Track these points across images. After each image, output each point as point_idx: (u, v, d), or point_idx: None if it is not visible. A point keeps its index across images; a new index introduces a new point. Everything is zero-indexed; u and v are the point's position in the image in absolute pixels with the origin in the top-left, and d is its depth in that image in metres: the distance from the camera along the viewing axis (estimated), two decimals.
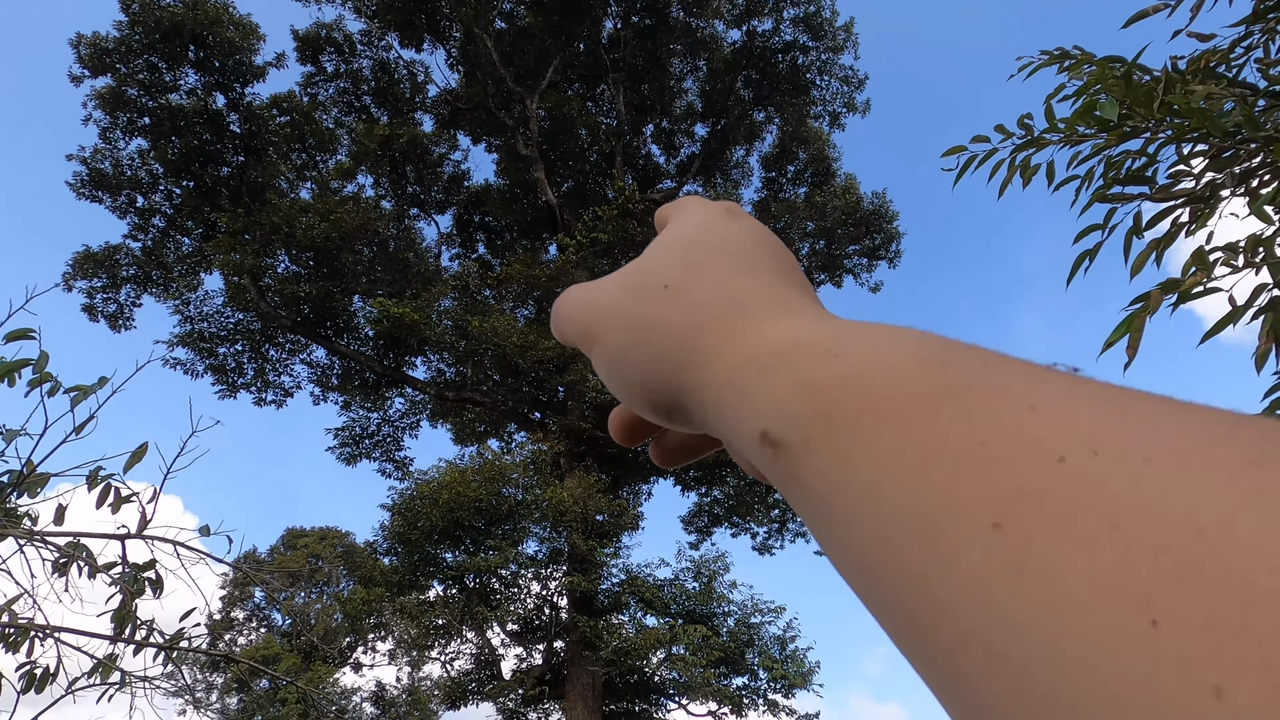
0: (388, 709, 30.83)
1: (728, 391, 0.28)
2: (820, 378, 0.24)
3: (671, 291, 0.32)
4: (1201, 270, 1.70)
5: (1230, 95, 2.19)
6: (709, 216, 0.38)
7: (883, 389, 0.23)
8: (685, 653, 13.59)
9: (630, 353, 0.32)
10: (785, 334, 0.28)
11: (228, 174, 17.20)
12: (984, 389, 0.21)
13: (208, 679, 28.22)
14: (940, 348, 0.24)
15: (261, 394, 18.49)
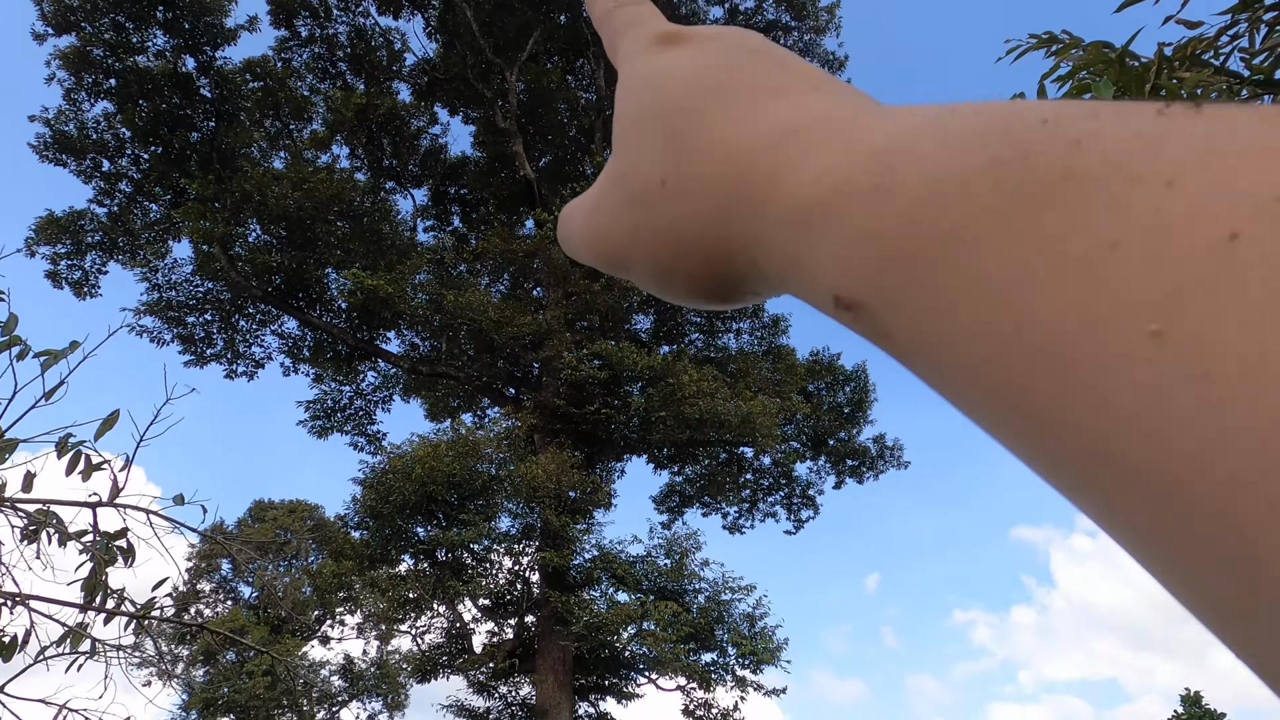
0: (356, 682, 30.84)
1: (783, 261, 0.24)
2: (879, 222, 0.20)
3: (670, 186, 0.28)
4: None
5: (1218, 83, 2.22)
6: (645, 69, 0.32)
7: (958, 209, 0.18)
8: (656, 628, 13.73)
9: (673, 266, 0.28)
10: (813, 174, 0.23)
11: (197, 140, 16.81)
12: (1097, 170, 0.16)
13: (173, 651, 28.01)
14: (1012, 132, 0.18)
15: (232, 366, 18.23)
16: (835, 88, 0.27)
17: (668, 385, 14.91)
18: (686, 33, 0.32)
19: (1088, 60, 2.33)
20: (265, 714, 28.09)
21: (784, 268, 0.24)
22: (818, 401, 19.06)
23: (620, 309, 16.73)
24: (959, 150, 0.19)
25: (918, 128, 0.21)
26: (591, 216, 0.32)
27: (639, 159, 0.30)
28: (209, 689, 27.73)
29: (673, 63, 0.31)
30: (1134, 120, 0.17)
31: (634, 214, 0.29)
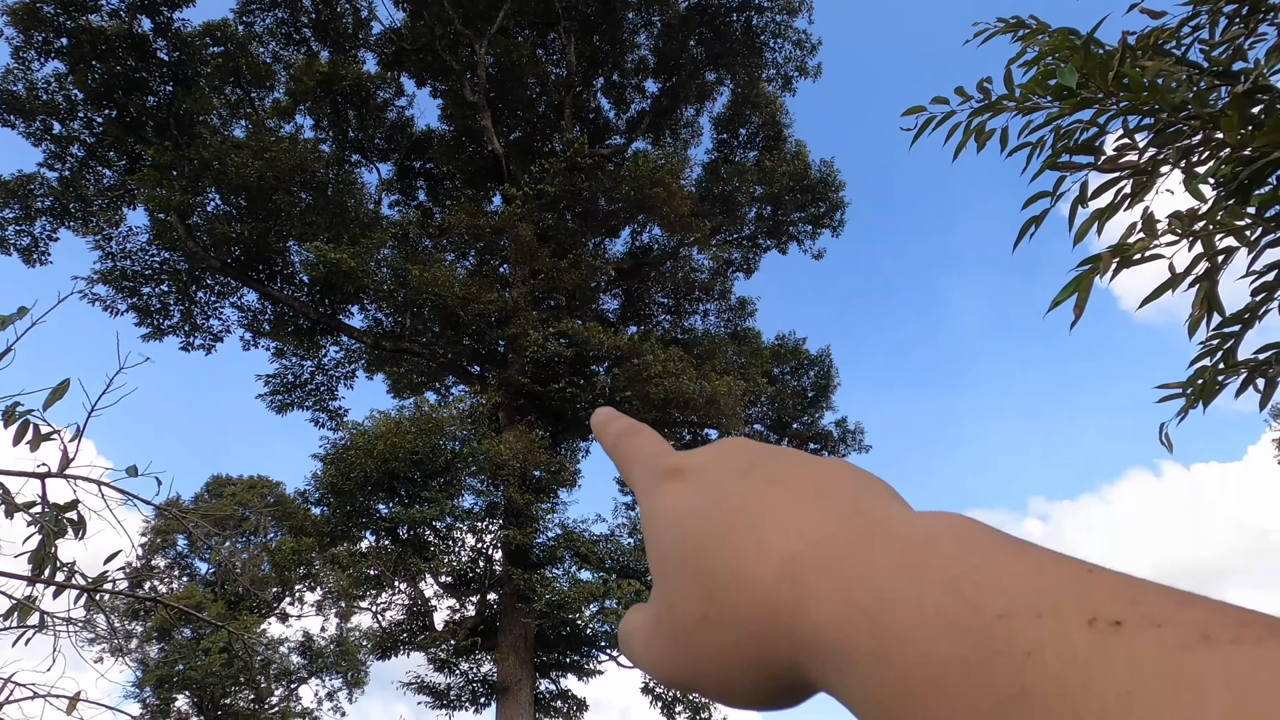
0: (315, 659, 30.66)
1: (821, 683, 0.27)
2: (884, 692, 0.24)
3: (712, 620, 0.30)
4: (1149, 235, 1.76)
5: (1178, 73, 2.26)
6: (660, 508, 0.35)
7: (942, 704, 0.22)
8: (618, 606, 13.82)
9: (733, 686, 0.31)
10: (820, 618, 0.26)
11: (154, 105, 16.29)
12: (1044, 693, 0.20)
13: (126, 627, 27.55)
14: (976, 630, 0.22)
15: (189, 338, 17.83)
16: (823, 493, 0.31)
17: (634, 365, 14.93)
18: (684, 465, 0.36)
19: (1053, 46, 2.36)
20: (222, 691, 27.83)
21: (828, 689, 0.27)
22: (782, 385, 19.23)
23: (587, 288, 16.67)
24: (936, 636, 0.23)
25: (902, 588, 0.25)
26: (651, 644, 0.35)
27: (676, 597, 0.32)
28: (164, 666, 27.36)
29: (679, 501, 0.34)
30: (1070, 636, 0.20)
31: (688, 646, 0.32)
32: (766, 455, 0.35)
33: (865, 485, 0.32)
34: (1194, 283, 1.97)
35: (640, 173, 15.73)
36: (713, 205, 18.62)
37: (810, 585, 0.27)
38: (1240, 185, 2.08)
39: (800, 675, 0.28)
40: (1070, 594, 0.22)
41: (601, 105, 20.37)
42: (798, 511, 0.30)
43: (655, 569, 0.35)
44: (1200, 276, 1.96)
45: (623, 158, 18.95)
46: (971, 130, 2.44)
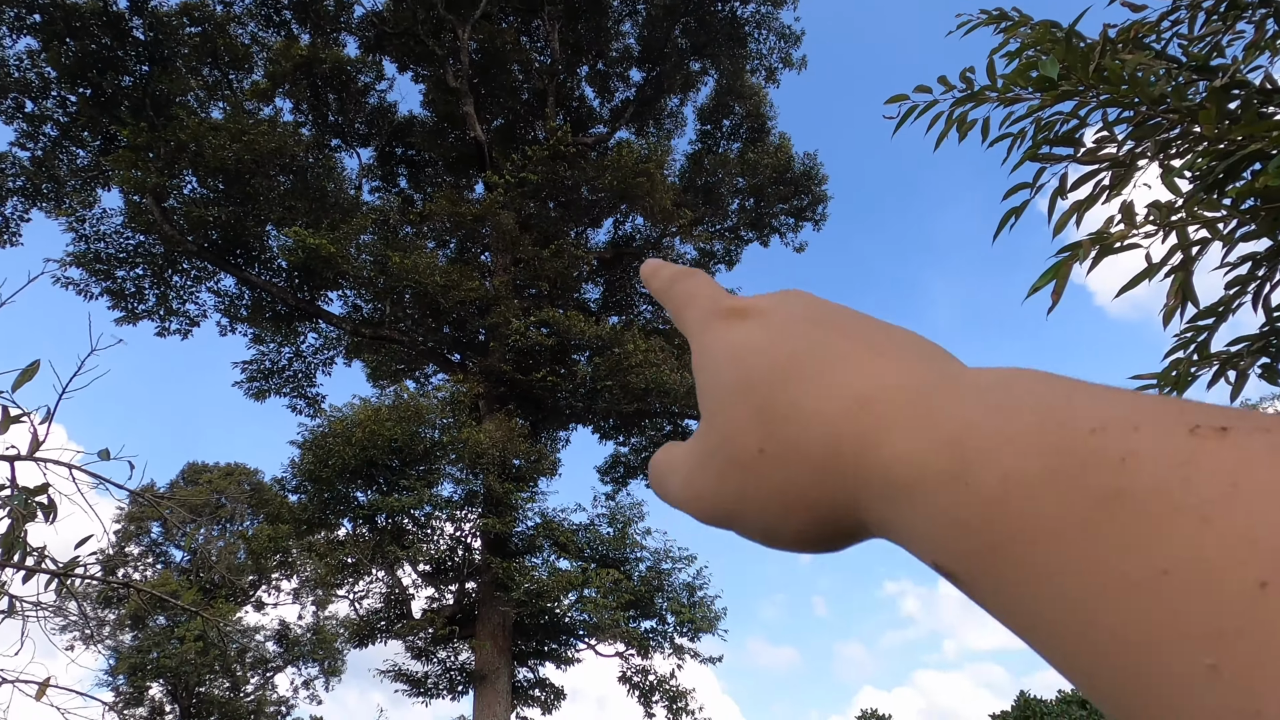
0: (291, 647, 30.47)
1: (883, 523, 0.27)
2: (962, 511, 0.23)
3: (769, 454, 0.30)
4: (1128, 224, 1.78)
5: (1157, 67, 2.28)
6: (718, 343, 0.35)
7: (1027, 512, 0.21)
8: (596, 595, 13.86)
9: (782, 524, 0.31)
10: (895, 453, 0.26)
11: (130, 84, 15.99)
12: (1142, 493, 0.19)
13: (98, 614, 27.23)
14: (1066, 441, 0.22)
15: (164, 323, 17.58)
16: (894, 346, 0.31)
17: (615, 355, 14.91)
18: (749, 306, 0.36)
19: (1035, 38, 2.37)
20: (197, 679, 27.61)
21: (884, 528, 0.27)
22: None
23: (569, 277, 16.62)
24: (1023, 451, 0.22)
25: (983, 417, 0.24)
26: (693, 478, 0.34)
27: (732, 430, 0.32)
28: (137, 653, 27.08)
29: (744, 337, 0.34)
30: (1171, 440, 0.20)
31: (739, 480, 0.31)
32: (835, 307, 0.34)
33: (933, 345, 0.32)
34: (1169, 273, 1.99)
35: (623, 162, 15.68)
36: (695, 196, 18.61)
37: (883, 423, 0.27)
38: (1216, 179, 2.11)
39: (856, 516, 0.28)
40: (1169, 410, 0.21)
41: (585, 94, 20.28)
42: (871, 359, 0.30)
43: (707, 403, 0.34)
44: (1175, 268, 1.98)
45: (606, 147, 18.87)
46: (953, 120, 2.45)
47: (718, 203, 19.07)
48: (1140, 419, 0.21)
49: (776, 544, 0.32)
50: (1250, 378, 2.20)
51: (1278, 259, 2.03)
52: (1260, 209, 1.85)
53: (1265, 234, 2.02)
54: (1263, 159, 2.02)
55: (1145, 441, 0.20)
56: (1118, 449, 0.20)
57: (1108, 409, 0.22)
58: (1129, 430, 0.21)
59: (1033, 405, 0.23)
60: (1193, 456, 0.19)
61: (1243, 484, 0.18)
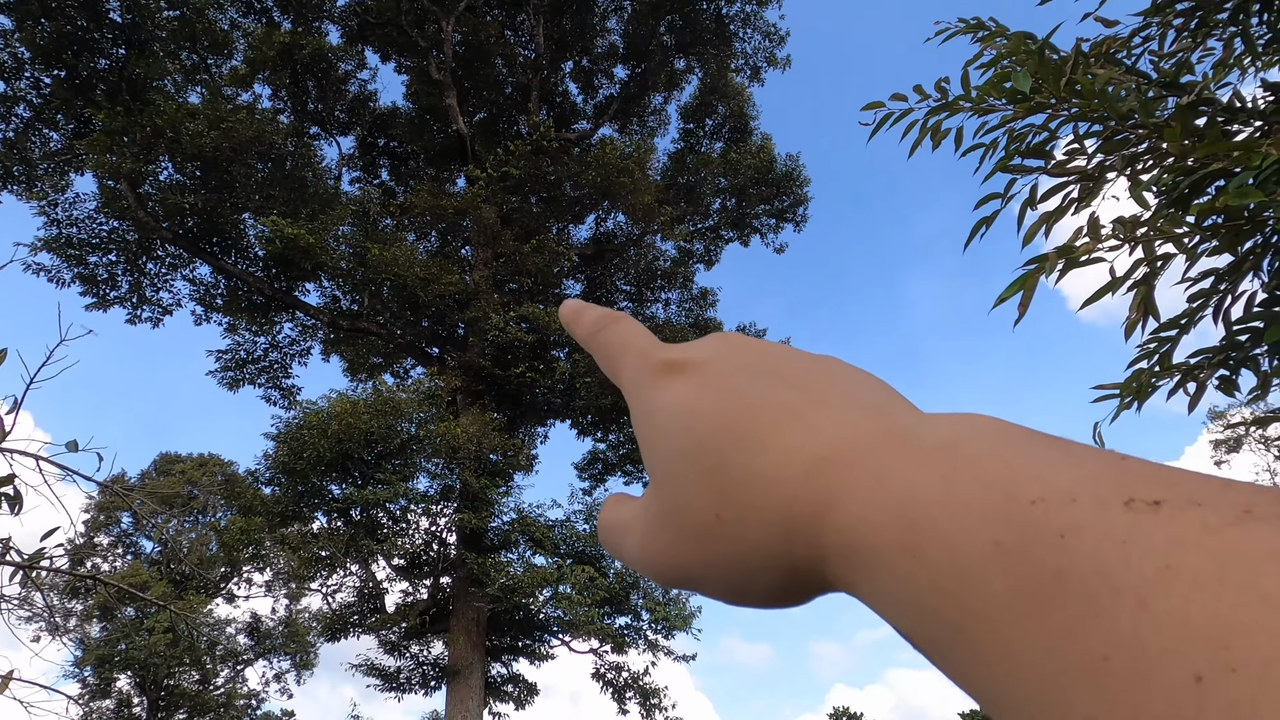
0: (262, 640, 30.22)
1: (846, 583, 0.27)
2: (917, 585, 0.23)
3: (726, 520, 0.29)
4: (1093, 239, 1.82)
5: (1127, 82, 2.33)
6: (658, 404, 0.34)
7: (978, 591, 0.21)
8: (571, 592, 13.87)
9: (747, 585, 0.30)
10: (851, 518, 0.25)
11: (106, 67, 15.72)
12: (1082, 572, 0.19)
13: (65, 605, 26.85)
14: (1008, 514, 0.21)
15: (136, 310, 17.32)
16: (839, 394, 0.30)
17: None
18: (685, 360, 0.34)
19: (1010, 50, 2.41)
20: (166, 671, 27.30)
21: (850, 590, 0.26)
22: None
23: (550, 273, 16.58)
24: (968, 526, 0.22)
25: (930, 484, 0.24)
26: (649, 543, 0.33)
27: (685, 496, 0.31)
28: (105, 645, 26.72)
29: (685, 396, 0.32)
30: (1107, 515, 0.20)
31: (697, 546, 0.30)
32: (772, 353, 0.33)
33: (875, 386, 0.31)
34: (1133, 287, 2.03)
35: (606, 160, 15.67)
36: (677, 194, 18.64)
37: (839, 485, 0.26)
38: (1181, 194, 2.15)
39: (820, 575, 0.27)
40: (1106, 479, 0.21)
41: (569, 89, 20.23)
42: (817, 413, 0.29)
43: (654, 466, 0.33)
44: (1139, 281, 2.03)
45: (589, 143, 18.85)
46: (927, 129, 2.49)
47: (699, 202, 19.12)
48: (1078, 489, 0.21)
49: (744, 604, 0.31)
50: (1209, 389, 2.25)
51: (1238, 274, 2.08)
52: (1221, 226, 1.90)
53: (1226, 250, 2.07)
54: (1226, 177, 2.06)
55: (1083, 515, 0.20)
56: (1057, 523, 0.20)
57: (1049, 476, 0.22)
58: (1067, 502, 0.21)
59: (977, 473, 0.23)
60: (1129, 534, 0.19)
61: (1176, 565, 0.18)
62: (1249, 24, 2.69)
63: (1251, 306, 2.17)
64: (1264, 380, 2.24)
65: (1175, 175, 2.01)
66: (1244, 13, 2.68)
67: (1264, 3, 2.63)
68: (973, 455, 0.24)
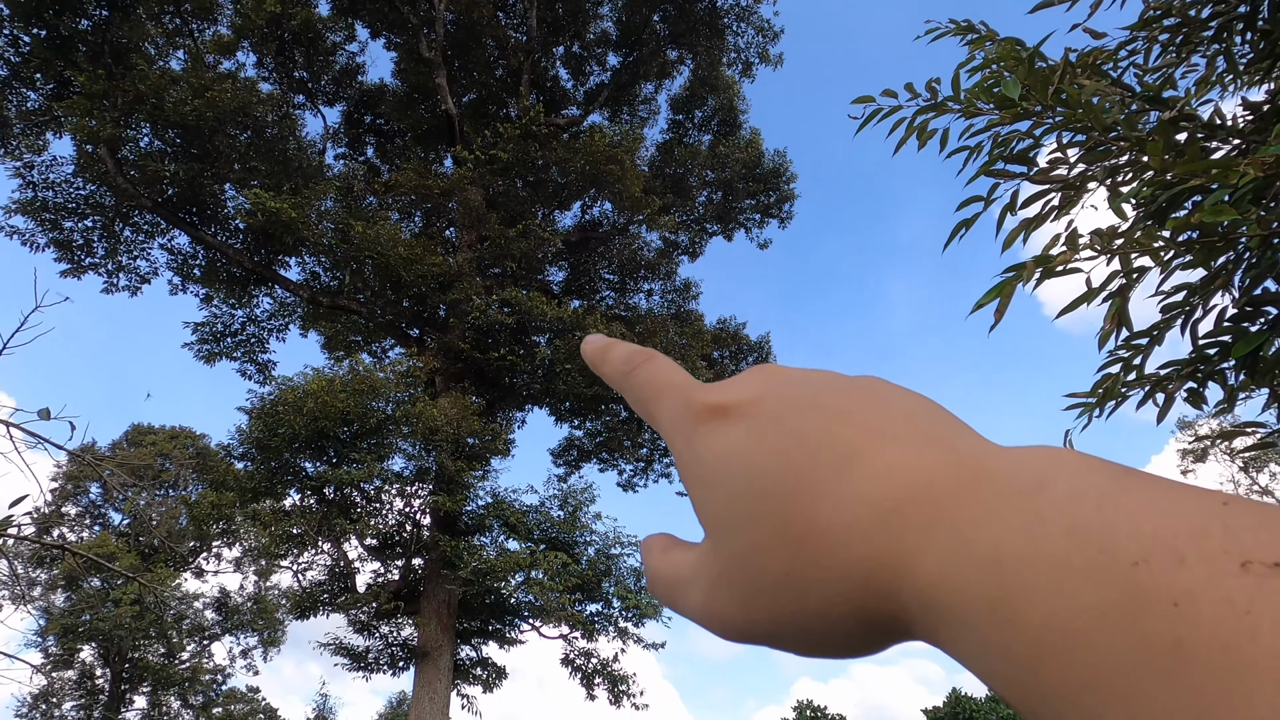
0: (230, 616, 30.03)
1: (929, 636, 0.25)
2: (1009, 649, 0.21)
3: (797, 575, 0.27)
4: (1071, 249, 1.85)
5: (1113, 94, 2.36)
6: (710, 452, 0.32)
7: (1079, 660, 0.20)
8: (544, 577, 13.89)
9: (827, 639, 0.28)
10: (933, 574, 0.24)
11: (87, 28, 15.40)
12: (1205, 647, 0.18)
13: (30, 574, 26.50)
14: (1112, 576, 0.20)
15: (112, 277, 17.06)
16: (903, 424, 0.28)
17: (575, 338, 14.89)
18: (731, 404, 0.32)
19: (1000, 55, 2.43)
20: (131, 644, 27.07)
21: (935, 642, 0.25)
22: (720, 369, 19.44)
23: (534, 258, 16.52)
24: (1067, 589, 0.20)
25: (1018, 538, 0.22)
26: (715, 600, 0.31)
27: (748, 551, 0.29)
28: (69, 615, 26.43)
29: (738, 443, 0.31)
30: (1224, 581, 0.18)
31: (768, 604, 0.29)
32: (815, 383, 0.31)
33: (931, 410, 0.29)
34: (1108, 298, 2.07)
35: (595, 147, 15.60)
36: (664, 185, 18.61)
37: (916, 538, 0.25)
38: (1158, 208, 2.19)
39: (903, 627, 0.26)
40: (1212, 534, 0.19)
41: (560, 75, 20.11)
42: (882, 450, 0.27)
43: (711, 520, 0.32)
44: (1114, 292, 2.06)
45: (578, 130, 18.76)
46: (914, 128, 2.51)
47: (685, 193, 19.11)
48: (1183, 546, 0.19)
49: (824, 656, 0.29)
50: (1177, 400, 2.30)
51: (1209, 290, 2.12)
52: (1196, 242, 1.94)
53: (1199, 264, 2.11)
54: (1203, 193, 2.10)
55: (1195, 581, 0.18)
56: (1168, 590, 0.19)
57: (1149, 529, 0.20)
58: (1174, 565, 0.19)
59: (1068, 524, 0.21)
60: (1252, 603, 0.17)
61: None
62: (1233, 42, 2.73)
63: (1221, 321, 2.22)
64: (1230, 394, 2.29)
65: (1154, 189, 2.04)
66: (1228, 31, 2.72)
67: (1248, 22, 2.67)
68: (1059, 501, 0.22)
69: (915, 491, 0.26)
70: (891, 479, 0.26)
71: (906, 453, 0.27)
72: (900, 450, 0.27)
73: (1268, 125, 2.50)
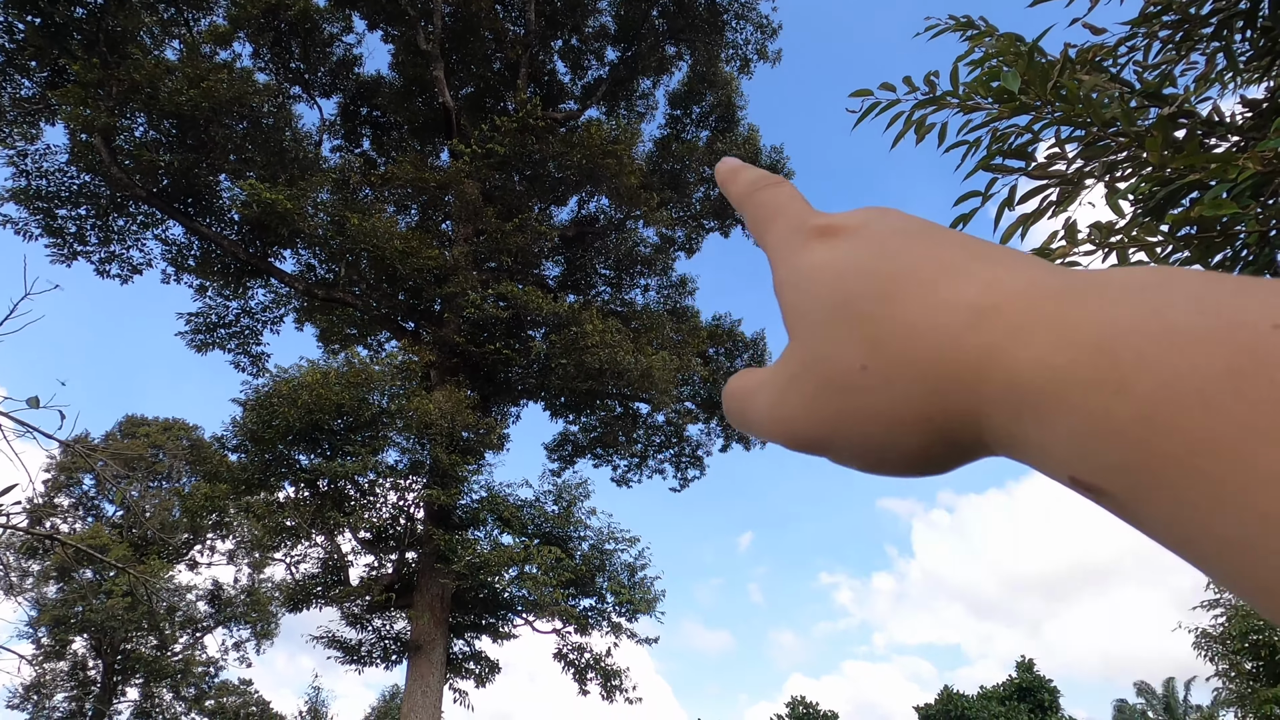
0: (223, 608, 29.97)
1: (1008, 438, 0.25)
2: (1114, 423, 0.21)
3: (873, 371, 0.27)
4: (1070, 243, 1.84)
5: (1111, 89, 2.35)
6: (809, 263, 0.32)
7: (1202, 422, 0.19)
8: (538, 572, 13.89)
9: (887, 445, 0.28)
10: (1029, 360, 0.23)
11: (82, 16, 15.31)
12: None
13: (22, 565, 26.41)
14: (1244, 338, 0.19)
15: (105, 265, 16.97)
16: (1006, 255, 0.28)
17: (571, 333, 14.87)
18: (840, 224, 0.33)
19: (1000, 49, 2.42)
20: (123, 635, 27.01)
21: (1008, 443, 0.25)
22: (715, 366, 19.44)
23: (531, 252, 16.49)
24: (1188, 352, 0.20)
25: (1135, 320, 0.22)
26: (781, 402, 0.32)
27: (828, 349, 0.29)
28: (61, 606, 26.36)
29: (839, 256, 0.31)
30: None
31: (837, 400, 0.29)
32: (929, 223, 0.32)
33: (1046, 261, 0.28)
34: None
35: (592, 141, 15.57)
36: (661, 180, 18.58)
37: (1009, 331, 0.24)
38: (1157, 204, 2.18)
39: (975, 433, 0.26)
40: None
41: (558, 68, 20.05)
42: (983, 267, 0.27)
43: (797, 323, 0.32)
44: None
45: (575, 124, 18.72)
46: (913, 122, 2.50)
47: (682, 189, 19.08)
48: None
49: (881, 469, 0.29)
50: None
51: None
52: (1194, 237, 1.93)
53: (1198, 260, 2.10)
54: (1201, 188, 2.10)
55: None
56: None
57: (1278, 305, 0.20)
58: None
59: (1195, 306, 0.21)
60: None
61: None
62: (1232, 39, 2.72)
63: None
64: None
65: (1153, 184, 2.04)
66: (1228, 29, 2.71)
67: (1248, 19, 2.66)
68: (1187, 290, 0.22)
69: (1016, 294, 0.25)
70: (992, 287, 0.26)
71: (1013, 270, 0.27)
72: (1007, 269, 0.27)
73: (1267, 122, 2.49)
